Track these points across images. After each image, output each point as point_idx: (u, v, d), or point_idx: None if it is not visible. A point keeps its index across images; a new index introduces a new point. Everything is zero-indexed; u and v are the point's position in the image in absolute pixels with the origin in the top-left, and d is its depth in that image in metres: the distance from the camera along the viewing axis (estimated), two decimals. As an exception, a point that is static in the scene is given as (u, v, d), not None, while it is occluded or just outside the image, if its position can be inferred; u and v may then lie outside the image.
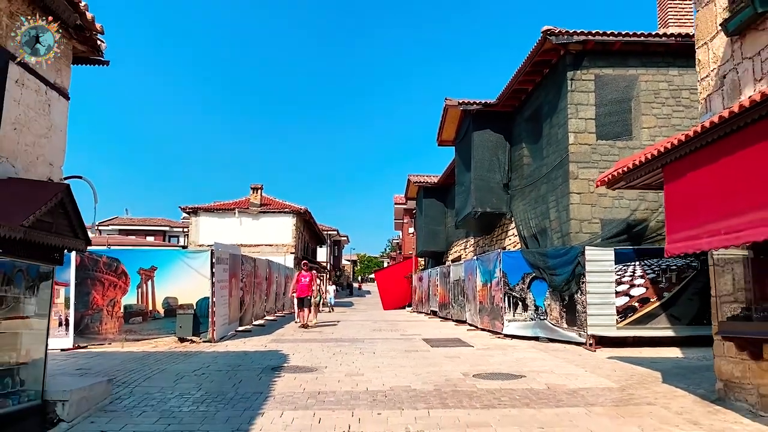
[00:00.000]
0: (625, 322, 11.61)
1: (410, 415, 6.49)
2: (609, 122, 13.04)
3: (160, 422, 6.32)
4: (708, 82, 7.49)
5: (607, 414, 6.52)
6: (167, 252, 14.27)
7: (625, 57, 13.16)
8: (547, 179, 14.32)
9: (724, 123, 5.48)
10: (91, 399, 6.90)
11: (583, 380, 8.39)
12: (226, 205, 38.57)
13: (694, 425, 6.07)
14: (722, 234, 5.62)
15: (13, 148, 6.19)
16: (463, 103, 17.61)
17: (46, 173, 6.88)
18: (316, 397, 7.37)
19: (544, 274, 12.86)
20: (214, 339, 12.66)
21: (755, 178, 5.15)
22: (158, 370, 9.29)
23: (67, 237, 6.21)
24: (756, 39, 6.52)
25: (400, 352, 11.70)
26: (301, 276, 17.81)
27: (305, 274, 17.77)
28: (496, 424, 6.11)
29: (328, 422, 6.19)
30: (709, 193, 5.91)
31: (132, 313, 12.39)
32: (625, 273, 11.70)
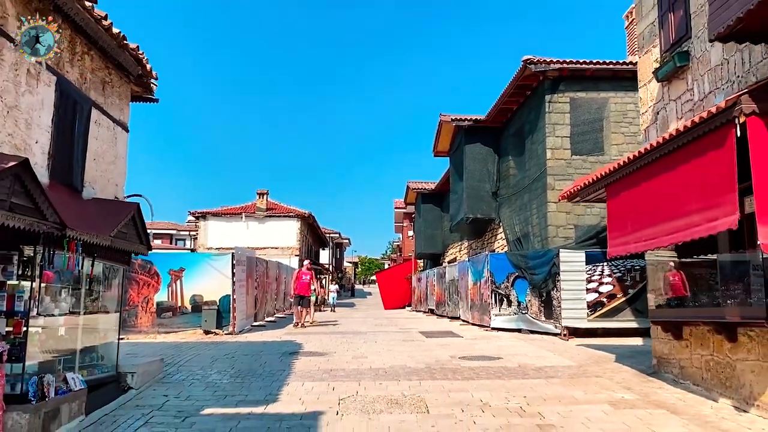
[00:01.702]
0: (595, 315, 13.32)
1: (405, 384, 8.21)
2: (582, 140, 14.77)
3: (208, 390, 8.04)
4: (646, 116, 9.22)
5: (562, 383, 8.24)
6: (194, 255, 16.00)
7: (596, 82, 14.89)
8: (529, 189, 16.05)
9: (643, 156, 7.20)
10: (150, 373, 8.63)
11: (550, 361, 10.10)
12: (233, 210, 40.25)
13: (627, 390, 7.78)
14: (642, 241, 7.35)
15: (93, 175, 7.93)
16: (456, 119, 19.37)
17: (113, 192, 8.61)
18: (329, 373, 9.09)
19: (525, 274, 14.58)
20: (234, 331, 14.38)
21: (661, 199, 6.88)
22: (194, 354, 11.00)
23: (135, 243, 7.94)
24: (678, 86, 8.25)
25: (398, 341, 13.42)
26: (302, 274, 17.57)
27: (306, 272, 17.61)
28: (472, 389, 7.83)
29: (340, 389, 7.91)
30: (636, 208, 7.63)
31: (163, 308, 14.12)
32: (595, 272, 13.41)
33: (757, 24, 5.36)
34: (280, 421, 6.46)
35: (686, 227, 6.34)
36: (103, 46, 7.62)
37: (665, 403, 7.09)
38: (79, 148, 7.45)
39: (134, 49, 7.93)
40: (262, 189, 40.47)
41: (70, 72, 7.23)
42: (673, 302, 7.96)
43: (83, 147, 7.56)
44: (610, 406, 6.97)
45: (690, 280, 8.15)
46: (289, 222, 40.04)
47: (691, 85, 7.89)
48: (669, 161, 6.73)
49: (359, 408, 6.94)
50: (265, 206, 40.11)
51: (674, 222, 6.62)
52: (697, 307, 7.59)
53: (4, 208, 4.96)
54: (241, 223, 39.56)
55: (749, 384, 6.64)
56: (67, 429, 6.22)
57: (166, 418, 6.67)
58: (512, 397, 7.37)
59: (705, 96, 7.52)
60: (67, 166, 7.17)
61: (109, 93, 8.34)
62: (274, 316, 21.13)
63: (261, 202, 40.26)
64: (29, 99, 6.34)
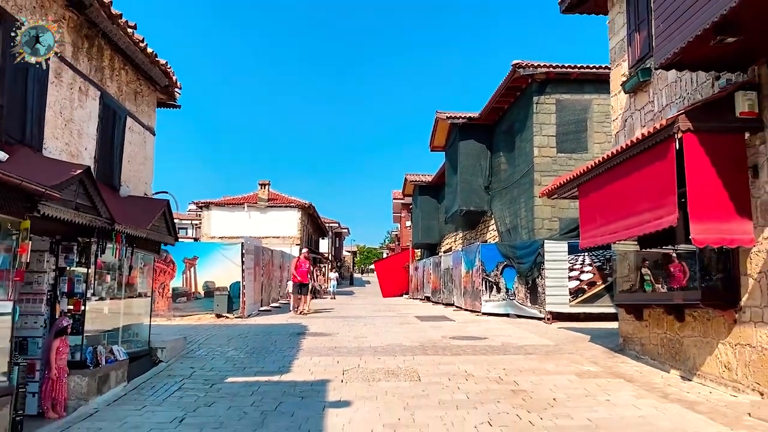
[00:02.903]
0: (576, 301, 14.49)
1: (401, 359, 9.38)
2: (567, 139, 15.89)
3: (228, 363, 9.21)
4: (617, 123, 10.34)
5: (538, 359, 9.41)
6: (207, 244, 17.11)
7: (581, 85, 15.96)
8: (518, 184, 17.18)
9: (606, 162, 8.32)
10: (176, 349, 9.79)
11: (530, 341, 11.28)
12: (235, 200, 41.30)
13: (593, 364, 8.96)
14: (607, 234, 8.50)
15: (128, 175, 9.04)
16: (451, 116, 20.45)
17: (143, 190, 9.73)
18: (334, 349, 10.27)
19: (513, 263, 15.74)
20: (244, 315, 15.55)
21: (621, 198, 8.01)
22: (210, 335, 12.17)
23: (165, 235, 9.07)
24: (641, 98, 9.36)
25: (395, 324, 14.61)
26: (302, 262, 17.79)
27: (305, 261, 17.88)
28: (458, 363, 9.01)
29: (344, 362, 9.08)
30: (602, 206, 8.76)
31: (178, 294, 15.28)
32: (577, 261, 14.56)
33: (691, 57, 6.46)
34: (294, 386, 7.63)
35: (640, 223, 7.48)
36: (137, 62, 8.71)
37: (624, 374, 8.27)
38: (118, 152, 8.56)
39: (164, 64, 9.01)
40: (263, 180, 41.50)
41: (110, 86, 8.32)
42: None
43: (120, 151, 8.67)
44: (576, 376, 8.14)
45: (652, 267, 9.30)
46: (290, 212, 41.12)
47: (652, 98, 9.00)
48: (627, 167, 7.85)
49: (361, 377, 8.11)
50: (267, 196, 41.16)
51: (631, 219, 7.75)
52: (652, 292, 8.75)
53: (71, 207, 6.09)
54: (244, 213, 40.62)
55: (692, 357, 7.81)
56: (114, 392, 7.39)
57: (196, 384, 7.84)
58: (493, 369, 8.54)
59: (663, 108, 8.63)
60: (109, 168, 8.29)
61: (140, 102, 9.44)
62: (278, 302, 22.29)
63: (263, 192, 41.30)
64: (80, 112, 7.45)
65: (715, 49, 6.13)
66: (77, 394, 6.74)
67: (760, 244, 6.54)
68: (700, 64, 6.77)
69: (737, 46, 6.04)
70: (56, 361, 6.44)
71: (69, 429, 5.91)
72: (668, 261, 8.94)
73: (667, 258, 8.85)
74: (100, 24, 7.37)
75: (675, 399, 6.87)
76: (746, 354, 6.74)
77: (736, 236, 6.52)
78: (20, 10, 6.13)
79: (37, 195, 5.24)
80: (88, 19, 7.32)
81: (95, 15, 7.12)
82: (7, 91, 5.90)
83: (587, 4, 10.95)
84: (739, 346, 6.89)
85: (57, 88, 6.87)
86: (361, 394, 7.20)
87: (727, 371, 7.08)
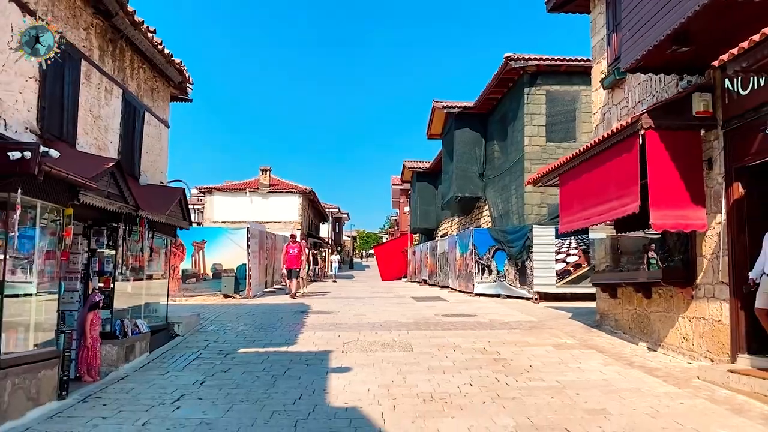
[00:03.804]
0: (563, 282, 15.38)
1: (396, 333, 10.28)
2: (556, 128, 16.69)
3: (239, 337, 10.11)
4: (597, 116, 11.15)
5: (521, 333, 10.31)
6: (214, 229, 17.97)
7: (570, 76, 16.72)
8: (510, 172, 18.01)
9: (581, 154, 9.15)
10: (190, 324, 10.69)
11: (516, 317, 12.19)
12: (237, 186, 42.08)
13: (570, 337, 9.86)
14: (582, 220, 9.36)
15: (146, 165, 9.87)
16: (447, 106, 21.23)
17: (159, 178, 10.57)
18: (335, 325, 11.17)
19: (504, 247, 16.62)
20: (250, 295, 16.47)
21: (594, 187, 8.86)
22: (220, 312, 13.07)
23: (180, 220, 9.92)
24: (618, 94, 10.16)
25: (392, 304, 15.53)
26: (289, 247, 17.98)
27: (293, 246, 18.04)
28: (448, 336, 9.91)
29: (344, 336, 9.98)
30: (578, 194, 9.61)
31: (188, 275, 16.18)
32: (563, 245, 15.42)
33: (652, 63, 7.27)
34: (299, 356, 8.53)
35: (609, 210, 8.33)
36: (155, 62, 9.50)
37: (597, 346, 9.16)
38: (138, 145, 9.39)
39: (179, 63, 9.81)
40: (265, 165, 42.19)
41: (131, 84, 9.13)
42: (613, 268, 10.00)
43: (140, 143, 9.49)
44: (554, 347, 9.04)
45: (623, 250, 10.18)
46: (291, 197, 41.92)
47: (627, 95, 9.80)
48: (599, 159, 8.68)
49: (359, 348, 9.01)
50: (268, 182, 41.90)
51: (602, 206, 8.60)
52: (624, 272, 9.62)
53: (104, 196, 6.94)
54: (246, 198, 41.43)
55: (658, 330, 8.70)
56: (139, 360, 8.29)
57: (212, 354, 8.75)
58: (478, 342, 9.44)
59: (636, 104, 9.43)
60: (130, 159, 9.12)
61: (156, 97, 10.24)
62: (282, 284, 23.19)
63: (264, 178, 42.04)
64: (106, 110, 8.27)
65: (672, 56, 6.94)
66: (108, 361, 7.63)
67: (713, 229, 7.39)
68: (660, 68, 7.58)
69: (691, 54, 6.85)
70: (90, 332, 7.32)
71: (105, 389, 6.80)
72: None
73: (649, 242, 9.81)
74: (124, 30, 8.16)
75: (638, 366, 7.76)
76: (701, 326, 7.62)
77: (691, 222, 7.38)
78: (57, 20, 6.92)
79: (78, 186, 6.09)
80: (112, 25, 8.11)
81: (120, 22, 7.91)
82: (48, 94, 6.71)
83: (572, 4, 11.70)
84: (695, 319, 7.77)
85: (87, 89, 7.69)
86: (359, 362, 8.09)
87: (685, 342, 7.97)
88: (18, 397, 5.44)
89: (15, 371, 5.40)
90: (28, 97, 6.38)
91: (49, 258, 6.22)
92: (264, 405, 6.08)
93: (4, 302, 5.33)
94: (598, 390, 6.56)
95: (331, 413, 5.81)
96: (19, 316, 5.76)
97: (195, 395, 6.52)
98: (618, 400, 6.13)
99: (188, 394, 6.56)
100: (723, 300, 7.14)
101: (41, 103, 6.59)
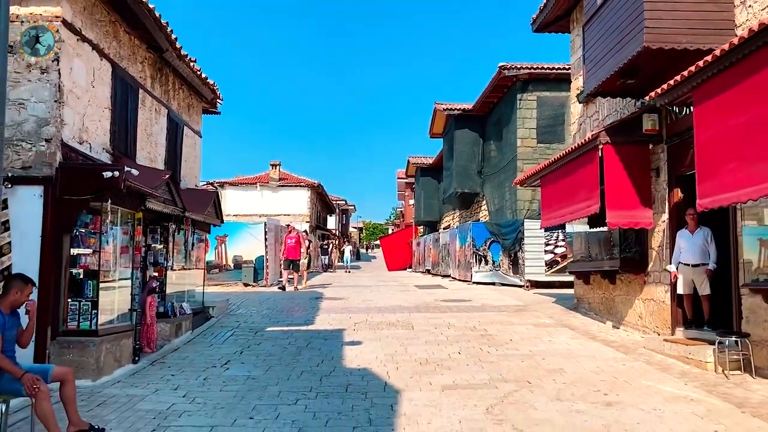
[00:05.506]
0: (551, 271, 16.97)
1: (399, 315, 11.93)
2: (546, 131, 18.23)
3: (264, 318, 11.79)
4: (575, 126, 12.70)
5: (508, 314, 11.93)
6: (235, 224, 19.61)
7: (559, 83, 18.19)
8: (505, 170, 19.58)
9: (557, 161, 10.72)
10: (221, 308, 12.36)
11: (505, 302, 13.82)
12: (248, 180, 43.73)
13: (549, 318, 11.48)
14: (558, 217, 10.95)
15: (184, 171, 11.52)
16: (448, 108, 22.81)
17: (194, 183, 12.22)
18: (347, 309, 12.84)
19: (499, 239, 18.23)
20: (267, 284, 18.15)
21: (567, 190, 10.44)
22: (244, 299, 14.76)
23: (214, 218, 11.57)
24: (591, 108, 11.72)
25: (397, 291, 17.20)
26: (287, 238, 17.79)
27: (291, 236, 17.79)
28: (444, 317, 11.55)
29: (355, 317, 11.64)
30: (556, 194, 11.19)
31: (212, 266, 17.86)
32: (552, 238, 17.00)
33: (608, 90, 8.85)
34: (318, 333, 10.19)
35: (578, 210, 9.91)
36: (192, 83, 11.13)
37: (570, 324, 10.77)
38: (179, 155, 11.03)
39: (212, 84, 11.44)
40: (274, 160, 43.80)
41: (173, 104, 10.76)
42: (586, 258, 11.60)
43: (180, 153, 11.14)
44: (533, 326, 10.66)
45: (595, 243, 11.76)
46: (300, 191, 43.55)
47: (598, 109, 11.35)
48: (571, 166, 10.26)
49: (368, 327, 10.66)
50: (278, 176, 43.53)
51: (573, 206, 10.18)
52: (594, 261, 11.22)
53: (161, 201, 8.58)
54: (256, 192, 43.05)
55: (620, 311, 10.30)
56: (186, 336, 9.96)
57: (244, 332, 10.41)
58: (470, 321, 11.07)
59: (605, 117, 10.99)
60: (174, 168, 10.75)
61: (191, 113, 11.87)
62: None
63: (274, 172, 43.66)
64: (156, 127, 9.91)
65: (623, 85, 8.52)
66: (162, 336, 9.30)
67: (659, 226, 8.97)
68: (616, 93, 9.17)
69: (637, 84, 8.42)
70: (149, 312, 8.99)
71: (165, 357, 8.48)
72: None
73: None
74: (171, 61, 9.78)
75: (600, 340, 9.38)
76: (651, 306, 9.22)
77: (640, 220, 8.96)
78: (122, 59, 8.54)
79: (146, 194, 7.74)
80: (162, 58, 9.73)
81: (169, 55, 9.53)
82: (117, 119, 8.35)
83: (554, 26, 13.22)
84: (647, 300, 9.37)
85: (143, 112, 9.32)
86: (368, 337, 9.74)
87: (640, 320, 9.58)
88: (109, 359, 7.12)
89: (108, 338, 7.09)
90: (104, 123, 8.03)
91: (124, 252, 7.89)
92: (294, 367, 7.74)
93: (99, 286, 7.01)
94: (561, 356, 8.18)
95: (348, 372, 7.46)
96: (106, 297, 7.42)
97: (238, 361, 8.20)
98: (574, 363, 7.75)
99: (232, 360, 8.23)
100: (666, 284, 8.74)
101: (113, 127, 8.23)
